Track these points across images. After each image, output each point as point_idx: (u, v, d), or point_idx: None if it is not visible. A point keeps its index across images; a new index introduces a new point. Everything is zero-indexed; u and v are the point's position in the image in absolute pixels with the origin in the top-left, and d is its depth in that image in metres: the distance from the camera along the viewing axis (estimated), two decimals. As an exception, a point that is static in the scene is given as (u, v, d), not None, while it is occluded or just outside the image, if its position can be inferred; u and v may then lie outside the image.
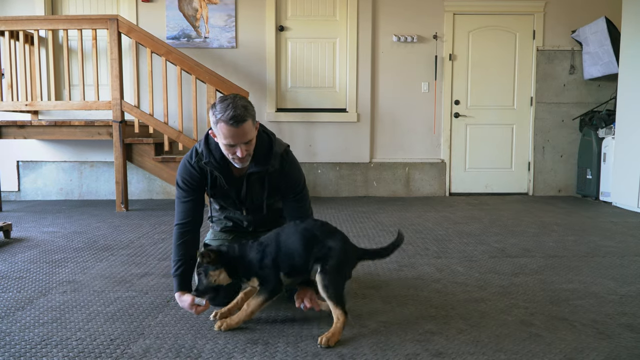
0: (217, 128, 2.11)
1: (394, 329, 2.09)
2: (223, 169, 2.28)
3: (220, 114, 2.08)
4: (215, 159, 2.25)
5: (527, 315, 2.25)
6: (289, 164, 2.36)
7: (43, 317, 2.24)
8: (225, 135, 2.09)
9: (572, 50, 6.33)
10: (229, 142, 2.11)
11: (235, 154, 2.15)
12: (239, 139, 2.10)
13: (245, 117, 2.08)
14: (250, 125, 2.11)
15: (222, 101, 2.11)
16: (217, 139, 2.17)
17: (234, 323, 2.10)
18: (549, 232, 4.10)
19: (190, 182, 2.31)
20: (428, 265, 3.10)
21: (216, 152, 2.25)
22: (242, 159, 2.17)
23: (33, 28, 5.21)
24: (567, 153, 6.45)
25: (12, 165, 6.15)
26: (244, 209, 2.43)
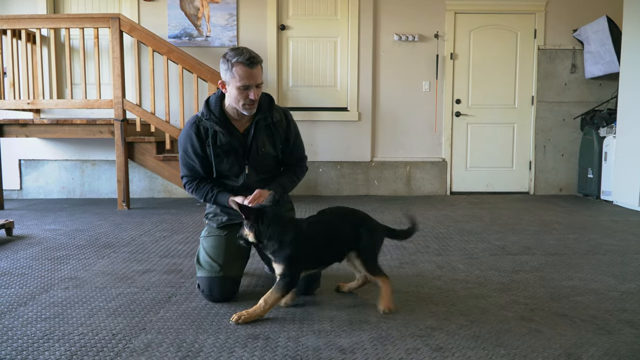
0: (232, 72, 2.27)
1: (394, 324, 2.10)
2: (224, 124, 2.41)
3: (236, 57, 2.26)
4: (216, 115, 2.41)
5: (527, 311, 2.25)
6: (292, 119, 2.59)
7: (45, 313, 2.25)
8: (241, 76, 2.25)
9: (574, 49, 6.34)
10: (244, 84, 2.26)
11: (248, 97, 2.30)
12: (253, 80, 2.27)
13: (259, 60, 2.29)
14: (261, 70, 2.32)
15: (235, 49, 2.30)
16: (229, 86, 2.33)
17: (252, 317, 2.13)
18: (550, 231, 4.10)
19: (193, 147, 2.44)
20: (429, 263, 3.10)
21: (216, 109, 2.41)
22: (253, 102, 2.33)
23: (35, 27, 5.23)
24: (568, 152, 6.46)
25: (14, 164, 6.16)
26: (246, 166, 2.46)
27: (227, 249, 2.46)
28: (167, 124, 5.24)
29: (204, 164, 2.47)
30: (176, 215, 4.91)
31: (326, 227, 2.27)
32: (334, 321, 2.14)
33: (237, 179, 2.50)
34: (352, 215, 2.35)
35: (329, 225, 2.28)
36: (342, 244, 2.26)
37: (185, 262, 3.13)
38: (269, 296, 2.15)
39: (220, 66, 2.33)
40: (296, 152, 2.63)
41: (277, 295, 2.15)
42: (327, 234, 2.25)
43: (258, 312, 2.14)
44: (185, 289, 2.59)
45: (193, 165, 2.48)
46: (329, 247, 2.25)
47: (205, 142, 2.43)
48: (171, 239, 3.84)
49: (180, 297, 2.46)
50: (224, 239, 2.50)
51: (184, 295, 2.50)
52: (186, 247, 3.56)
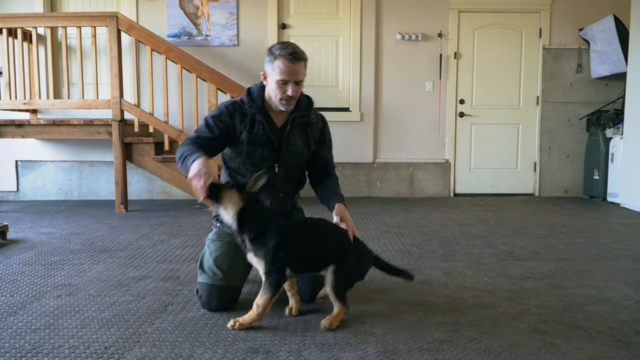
0: (274, 64, 2.23)
1: (401, 336, 2.00)
2: (265, 114, 2.36)
3: (280, 50, 2.22)
4: (257, 105, 2.35)
5: (540, 322, 2.15)
6: (327, 123, 2.57)
7: (36, 323, 2.15)
8: (282, 70, 2.21)
9: (579, 48, 6.23)
10: (283, 78, 2.22)
11: (286, 92, 2.25)
12: (293, 76, 2.22)
13: (302, 56, 2.25)
14: (304, 66, 2.27)
15: (281, 42, 2.30)
16: (269, 78, 2.29)
17: (247, 323, 2.05)
18: (558, 234, 4.00)
19: (219, 122, 2.35)
20: (435, 269, 3.00)
21: (258, 99, 2.36)
22: (291, 98, 2.27)
23: (31, 25, 5.13)
24: (574, 153, 6.35)
25: (10, 165, 6.07)
26: (276, 165, 2.39)
27: (234, 257, 2.35)
28: (165, 124, 5.14)
29: (215, 141, 2.34)
30: (175, 217, 4.81)
31: (317, 233, 2.19)
32: (337, 333, 2.04)
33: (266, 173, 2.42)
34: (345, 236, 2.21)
35: (320, 232, 2.19)
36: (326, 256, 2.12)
37: (183, 268, 3.03)
38: (259, 299, 2.06)
39: (265, 58, 2.30)
40: (330, 156, 2.59)
41: (268, 295, 2.05)
42: (315, 240, 2.15)
43: (253, 317, 2.05)
44: (182, 297, 2.49)
45: (208, 132, 2.33)
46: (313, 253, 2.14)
47: (240, 125, 2.35)
48: (169, 243, 3.74)
49: (176, 306, 2.36)
50: (234, 246, 2.38)
51: (180, 304, 2.40)
52: (184, 251, 3.46)
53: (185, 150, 2.20)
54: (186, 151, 2.19)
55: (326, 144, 2.55)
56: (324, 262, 2.12)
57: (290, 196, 2.55)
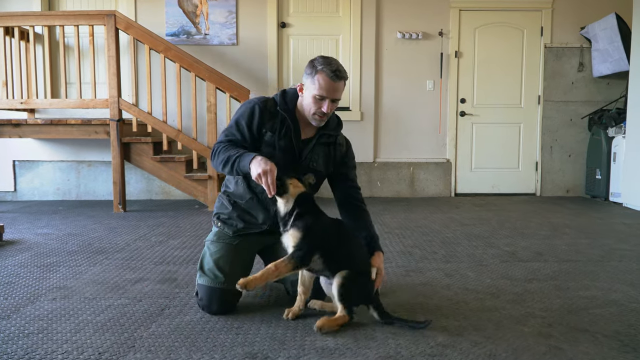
0: (314, 78, 2.16)
1: (403, 341, 1.95)
2: (294, 121, 2.28)
3: (323, 66, 2.16)
4: (290, 109, 2.28)
5: (545, 325, 2.10)
6: (351, 147, 2.49)
7: (29, 327, 2.10)
8: (321, 86, 2.15)
9: (581, 47, 6.18)
10: (321, 94, 2.15)
11: (321, 108, 2.18)
12: (332, 94, 2.16)
13: (345, 75, 2.20)
14: (343, 86, 2.21)
15: (325, 57, 2.20)
16: (306, 91, 2.22)
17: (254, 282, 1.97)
18: (561, 235, 3.95)
19: (250, 123, 2.25)
20: (437, 270, 2.95)
21: (291, 104, 2.29)
22: (324, 115, 2.20)
23: (28, 24, 5.08)
24: (576, 153, 6.30)
25: (8, 165, 6.02)
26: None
27: (236, 259, 2.30)
28: (164, 124, 5.09)
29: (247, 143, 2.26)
30: (174, 218, 4.76)
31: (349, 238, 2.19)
32: (337, 338, 1.99)
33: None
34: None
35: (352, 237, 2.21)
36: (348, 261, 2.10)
37: (181, 270, 2.98)
38: (280, 263, 2.00)
39: (305, 69, 2.21)
40: (353, 178, 2.47)
41: (289, 266, 2.00)
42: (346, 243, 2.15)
43: (265, 276, 1.99)
44: (179, 300, 2.44)
45: (239, 136, 2.26)
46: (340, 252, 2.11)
47: (267, 123, 2.26)
48: (167, 244, 3.69)
49: (173, 310, 2.31)
50: (234, 247, 2.34)
51: (177, 307, 2.35)
52: (183, 252, 3.41)
53: (230, 154, 2.14)
54: (232, 154, 2.14)
55: (349, 167, 2.44)
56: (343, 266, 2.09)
57: None
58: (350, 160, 2.46)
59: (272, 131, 2.26)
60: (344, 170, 2.43)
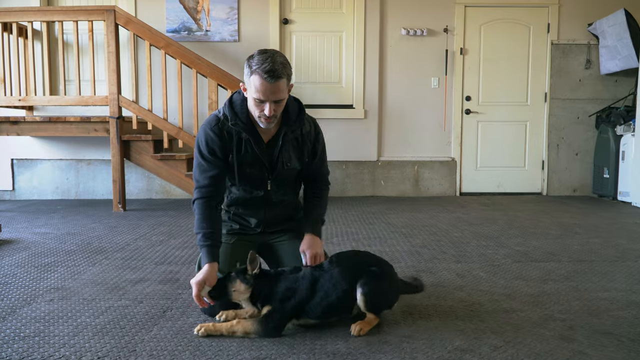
0: (250, 80, 1.99)
1: (418, 345, 1.85)
2: (251, 130, 2.13)
3: (257, 66, 1.96)
4: (242, 121, 2.12)
5: (566, 329, 2.00)
6: (320, 130, 2.33)
7: (25, 330, 2.00)
8: (257, 88, 1.98)
9: (589, 44, 6.08)
10: (259, 97, 1.99)
11: (263, 111, 2.02)
12: (270, 96, 1.98)
13: (281, 74, 1.97)
14: (284, 84, 2.01)
15: (262, 53, 2.00)
16: (247, 92, 2.07)
17: (214, 330, 1.91)
18: (572, 235, 3.85)
19: (214, 149, 2.13)
20: (448, 271, 2.85)
21: (242, 114, 2.12)
22: (269, 118, 2.04)
23: (26, 20, 4.98)
24: (583, 151, 6.20)
25: (6, 163, 5.92)
26: (269, 182, 2.22)
27: (235, 257, 2.21)
28: (164, 121, 4.98)
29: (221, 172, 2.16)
30: (174, 217, 4.66)
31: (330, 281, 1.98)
32: (349, 341, 1.89)
33: (257, 191, 2.25)
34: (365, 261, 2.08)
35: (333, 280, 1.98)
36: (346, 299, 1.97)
37: (183, 270, 2.88)
38: (244, 322, 1.93)
39: (244, 67, 2.05)
40: (322, 166, 2.37)
41: (251, 328, 1.91)
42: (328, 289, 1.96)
43: (222, 328, 1.91)
44: (182, 302, 2.34)
45: (208, 172, 2.14)
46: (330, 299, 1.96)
47: (227, 147, 2.14)
48: (168, 243, 3.59)
49: (176, 312, 2.21)
50: (231, 246, 2.26)
51: (180, 309, 2.25)
52: (184, 252, 3.31)
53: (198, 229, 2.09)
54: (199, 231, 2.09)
55: (318, 155, 2.31)
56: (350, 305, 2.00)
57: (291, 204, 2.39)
58: (319, 147, 2.30)
59: (234, 152, 2.14)
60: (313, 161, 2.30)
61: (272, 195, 2.27)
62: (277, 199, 2.29)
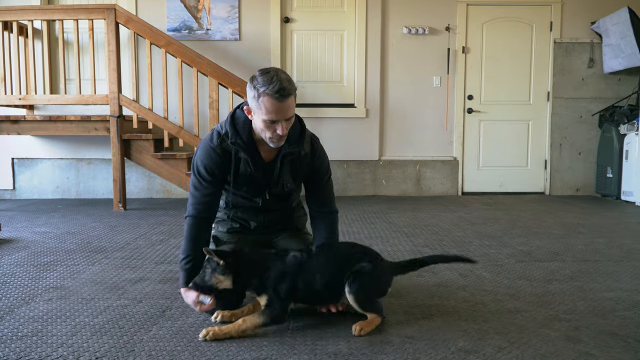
0: (259, 102, 1.95)
1: (421, 345, 1.82)
2: (251, 151, 2.10)
3: (265, 87, 1.92)
4: (243, 140, 2.08)
5: (572, 329, 1.97)
6: (320, 149, 2.25)
7: (23, 329, 1.98)
8: (269, 110, 1.94)
9: (592, 42, 6.05)
10: (271, 118, 1.95)
11: (275, 131, 1.99)
12: (282, 115, 1.96)
13: (290, 91, 1.95)
14: (293, 101, 1.99)
15: (264, 74, 1.96)
16: (255, 115, 2.02)
17: (222, 334, 1.87)
18: (576, 234, 3.82)
19: (213, 170, 2.11)
20: (450, 271, 2.82)
21: (243, 132, 2.09)
22: (281, 137, 2.02)
23: (27, 18, 4.96)
24: (586, 150, 6.17)
25: (7, 163, 5.90)
26: (266, 193, 2.19)
27: None
28: (165, 120, 4.96)
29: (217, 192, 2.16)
30: (175, 217, 4.63)
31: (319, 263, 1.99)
32: (351, 342, 1.86)
33: (255, 199, 2.22)
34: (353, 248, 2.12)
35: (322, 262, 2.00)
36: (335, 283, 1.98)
37: (183, 270, 2.85)
38: (250, 318, 1.91)
39: (247, 91, 2.01)
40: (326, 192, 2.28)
41: (258, 321, 1.89)
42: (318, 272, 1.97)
43: (232, 330, 1.88)
44: (181, 301, 2.30)
45: (204, 190, 2.12)
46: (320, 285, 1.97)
47: (226, 166, 2.12)
48: (168, 242, 3.56)
49: (175, 311, 2.18)
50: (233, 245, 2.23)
51: (180, 308, 2.22)
52: (184, 252, 3.28)
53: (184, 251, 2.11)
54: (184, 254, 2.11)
55: (320, 172, 2.25)
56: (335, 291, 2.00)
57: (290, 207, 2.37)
58: (318, 169, 2.24)
59: (232, 173, 2.13)
60: (316, 185, 2.26)
61: (270, 204, 2.25)
62: (276, 207, 2.27)
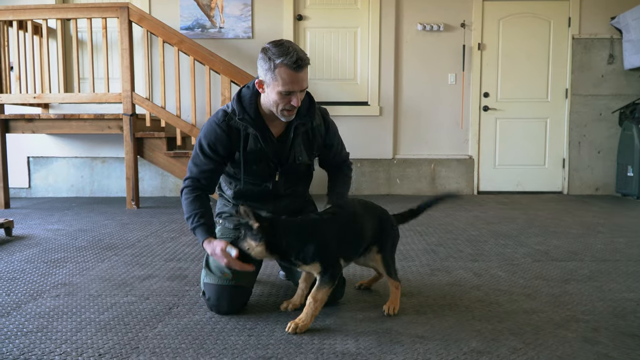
0: (275, 74, 1.93)
1: (432, 345, 1.76)
2: (260, 125, 2.09)
3: (282, 58, 1.91)
4: (250, 115, 2.07)
5: (590, 330, 1.90)
6: (332, 123, 2.28)
7: (28, 326, 1.96)
8: (286, 81, 1.93)
9: (611, 38, 5.91)
10: (287, 89, 1.94)
11: (290, 103, 1.99)
12: (299, 86, 1.96)
13: (307, 61, 1.96)
14: (307, 71, 2.00)
15: (278, 45, 1.95)
16: (268, 88, 1.99)
17: (308, 322, 1.89)
18: (595, 234, 3.72)
19: (216, 146, 2.09)
20: (464, 270, 2.75)
21: (250, 109, 2.08)
22: (293, 109, 2.03)
23: (41, 17, 4.98)
24: (605, 149, 6.03)
25: (22, 161, 5.94)
26: (277, 173, 2.16)
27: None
28: (178, 118, 4.95)
29: (217, 169, 2.14)
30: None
31: (348, 219, 2.03)
32: (359, 341, 1.81)
33: (265, 184, 2.20)
34: (374, 208, 2.18)
35: (351, 218, 2.04)
36: (365, 237, 2.06)
37: (192, 267, 2.83)
38: (316, 292, 1.89)
39: (260, 63, 1.98)
40: (339, 154, 2.34)
41: (326, 288, 1.89)
42: (350, 226, 2.01)
43: (311, 313, 1.88)
44: (188, 299, 2.28)
45: (204, 166, 2.11)
46: (353, 238, 2.02)
47: (233, 144, 2.10)
48: (179, 240, 3.54)
49: (182, 309, 2.15)
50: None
51: (186, 305, 2.19)
52: (194, 249, 3.26)
53: (189, 215, 2.09)
54: (191, 216, 2.08)
55: (334, 145, 2.29)
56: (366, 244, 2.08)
57: (301, 196, 2.35)
58: (333, 138, 2.28)
59: (240, 150, 2.10)
60: (327, 149, 2.30)
61: (281, 188, 2.21)
62: (287, 192, 2.23)
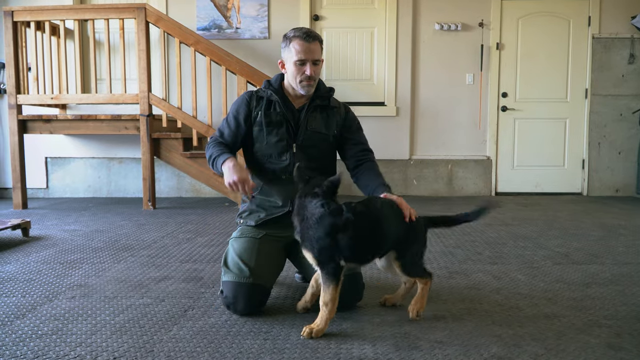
0: (290, 47, 2.21)
1: (451, 351, 1.73)
2: (281, 93, 2.31)
3: (294, 32, 2.22)
4: (274, 88, 2.31)
5: (613, 336, 1.84)
6: (353, 114, 2.44)
7: (43, 328, 1.96)
8: (298, 50, 2.18)
9: (632, 37, 5.80)
10: (300, 57, 2.18)
11: (304, 73, 2.20)
12: (310, 55, 2.19)
13: (317, 36, 2.24)
14: (320, 47, 2.25)
15: (294, 28, 2.27)
16: (287, 63, 2.25)
17: (323, 326, 1.86)
18: (616, 236, 3.64)
19: (238, 114, 2.32)
20: (483, 273, 2.70)
21: (276, 83, 2.33)
22: (310, 79, 2.22)
23: (59, 18, 5.02)
24: (626, 149, 5.92)
25: (40, 162, 6.00)
26: (294, 145, 2.27)
27: (262, 253, 2.16)
28: (194, 119, 4.95)
29: (236, 134, 2.32)
30: (203, 215, 4.62)
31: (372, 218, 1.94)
32: (377, 346, 1.78)
33: (282, 158, 2.27)
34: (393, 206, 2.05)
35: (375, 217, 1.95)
36: (381, 242, 1.96)
37: (208, 269, 2.82)
38: (323, 296, 1.86)
39: (281, 46, 2.29)
40: (362, 140, 2.40)
41: (331, 287, 1.85)
42: (372, 227, 1.93)
43: (326, 317, 1.86)
44: (204, 301, 2.26)
45: (227, 129, 2.33)
46: (371, 240, 1.93)
47: (256, 108, 2.30)
48: (195, 241, 3.54)
49: (197, 311, 2.14)
50: (259, 241, 2.20)
51: (202, 308, 2.17)
52: (210, 250, 3.25)
53: (212, 152, 2.23)
54: (214, 153, 2.22)
55: (353, 129, 2.40)
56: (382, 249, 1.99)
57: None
58: (352, 122, 2.41)
59: (262, 110, 2.28)
60: (349, 135, 2.39)
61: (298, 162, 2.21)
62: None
